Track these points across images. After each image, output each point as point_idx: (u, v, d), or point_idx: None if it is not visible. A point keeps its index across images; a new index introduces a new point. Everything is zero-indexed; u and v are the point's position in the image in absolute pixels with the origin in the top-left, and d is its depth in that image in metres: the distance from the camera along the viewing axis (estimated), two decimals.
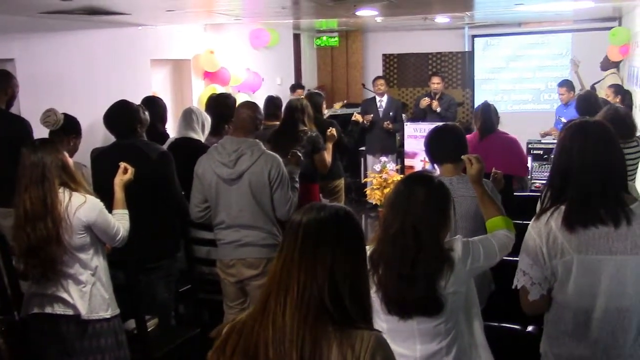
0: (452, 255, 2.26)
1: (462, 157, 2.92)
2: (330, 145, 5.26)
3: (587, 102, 5.38)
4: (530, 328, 2.96)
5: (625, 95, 6.50)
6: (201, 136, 4.71)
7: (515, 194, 4.74)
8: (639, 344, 2.19)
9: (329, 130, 5.29)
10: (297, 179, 3.92)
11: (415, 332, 2.27)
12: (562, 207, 2.19)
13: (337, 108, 9.47)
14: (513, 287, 2.30)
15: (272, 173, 3.64)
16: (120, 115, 3.88)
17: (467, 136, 5.15)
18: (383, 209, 2.35)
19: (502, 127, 5.56)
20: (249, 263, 3.71)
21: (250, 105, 3.91)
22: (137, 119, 3.87)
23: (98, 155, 4.13)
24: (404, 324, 2.25)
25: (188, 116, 4.72)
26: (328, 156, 5.20)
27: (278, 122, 5.71)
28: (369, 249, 2.26)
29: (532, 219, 2.29)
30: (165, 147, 4.31)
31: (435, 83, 8.18)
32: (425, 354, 2.28)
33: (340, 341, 1.55)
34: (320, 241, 1.60)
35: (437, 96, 8.11)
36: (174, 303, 4.18)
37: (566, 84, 7.50)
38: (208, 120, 4.78)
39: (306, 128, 5.12)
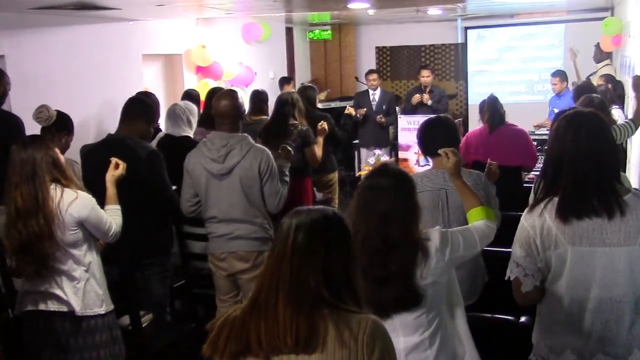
0: (428, 245, 2.25)
1: (439, 151, 2.88)
2: (321, 139, 5.24)
3: (586, 91, 5.31)
4: (523, 319, 2.97)
5: (617, 85, 6.49)
6: (189, 131, 4.71)
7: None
8: (633, 334, 2.19)
9: (320, 123, 5.27)
10: (287, 173, 3.91)
11: (397, 325, 2.26)
12: (555, 199, 2.19)
13: (322, 97, 9.40)
14: (506, 278, 2.30)
15: (262, 166, 3.63)
16: (141, 109, 3.92)
17: (474, 130, 5.18)
18: (351, 213, 2.29)
19: None
20: (240, 256, 3.70)
21: (227, 94, 3.77)
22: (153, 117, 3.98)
23: (88, 152, 4.10)
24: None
25: (172, 115, 4.74)
26: (319, 150, 5.18)
27: (264, 117, 5.71)
28: None
29: (525, 211, 2.29)
30: (154, 143, 4.32)
31: (425, 76, 8.15)
32: (409, 345, 2.28)
33: (337, 323, 1.58)
34: (313, 235, 1.63)
35: (427, 89, 8.10)
36: (169, 298, 4.18)
37: (559, 74, 7.48)
38: (194, 112, 4.79)
39: (296, 122, 5.10)
